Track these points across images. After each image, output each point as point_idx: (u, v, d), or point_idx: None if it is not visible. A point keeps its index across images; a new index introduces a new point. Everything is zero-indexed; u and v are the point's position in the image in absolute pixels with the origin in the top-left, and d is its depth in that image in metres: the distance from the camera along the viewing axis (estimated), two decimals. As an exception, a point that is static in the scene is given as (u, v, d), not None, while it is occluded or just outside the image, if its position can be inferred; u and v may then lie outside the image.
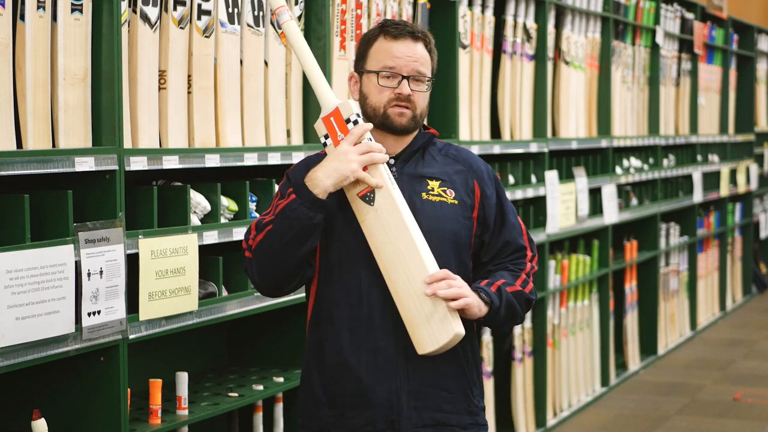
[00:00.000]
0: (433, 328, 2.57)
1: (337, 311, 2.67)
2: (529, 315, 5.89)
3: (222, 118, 3.66)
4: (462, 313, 2.59)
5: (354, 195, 2.63)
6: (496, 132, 5.64)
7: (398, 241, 2.59)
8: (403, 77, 2.65)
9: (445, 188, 2.70)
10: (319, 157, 2.77)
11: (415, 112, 2.67)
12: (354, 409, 2.67)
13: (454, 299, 2.56)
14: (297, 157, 3.83)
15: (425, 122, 2.79)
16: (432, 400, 2.66)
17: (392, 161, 2.70)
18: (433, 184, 2.70)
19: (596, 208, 6.72)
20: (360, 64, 2.73)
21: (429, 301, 2.57)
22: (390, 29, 2.69)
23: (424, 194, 2.68)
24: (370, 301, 2.65)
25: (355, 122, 2.64)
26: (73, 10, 3.09)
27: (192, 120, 3.55)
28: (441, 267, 2.63)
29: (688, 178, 8.66)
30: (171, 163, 3.34)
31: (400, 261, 2.59)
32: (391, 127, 2.67)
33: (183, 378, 3.46)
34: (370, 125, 2.64)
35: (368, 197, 2.61)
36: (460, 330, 2.58)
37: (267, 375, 4.00)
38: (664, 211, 8.07)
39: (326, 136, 2.66)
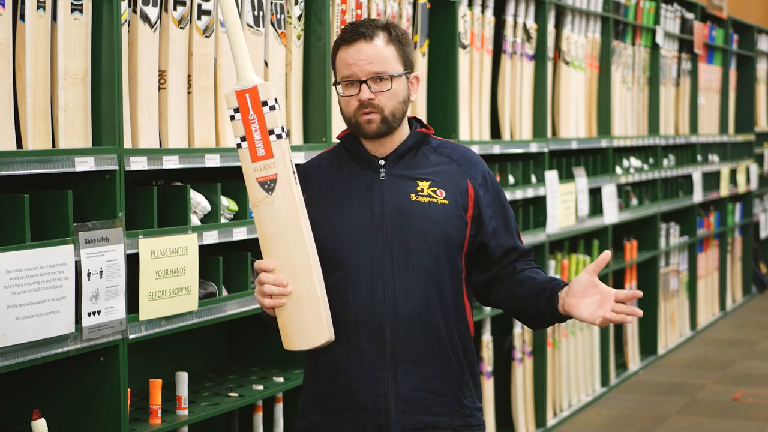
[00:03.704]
0: (307, 330, 2.57)
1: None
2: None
3: (222, 118, 3.66)
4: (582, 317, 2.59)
5: (252, 177, 2.60)
6: (496, 132, 5.64)
7: (288, 237, 2.57)
8: (362, 82, 2.61)
9: (435, 188, 2.67)
10: (328, 155, 2.76)
11: (383, 114, 2.62)
12: (343, 413, 2.66)
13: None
14: (297, 157, 3.83)
15: (425, 120, 2.76)
16: (421, 404, 2.64)
17: (382, 162, 2.68)
18: (423, 185, 2.67)
19: (596, 208, 6.72)
20: (333, 77, 2.72)
21: (308, 303, 2.56)
22: (345, 35, 2.65)
23: (412, 195, 2.65)
24: (356, 306, 2.63)
25: (272, 107, 2.60)
26: (73, 10, 3.09)
27: (192, 120, 3.55)
28: (432, 268, 2.63)
29: (688, 178, 8.66)
30: (171, 163, 3.34)
31: (287, 256, 2.57)
32: (364, 134, 2.65)
33: (183, 378, 3.46)
34: None
35: (267, 185, 2.59)
36: (332, 336, 2.58)
37: (267, 375, 4.00)
38: (664, 211, 8.07)
39: (236, 110, 2.62)
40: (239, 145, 2.62)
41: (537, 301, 2.66)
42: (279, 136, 2.61)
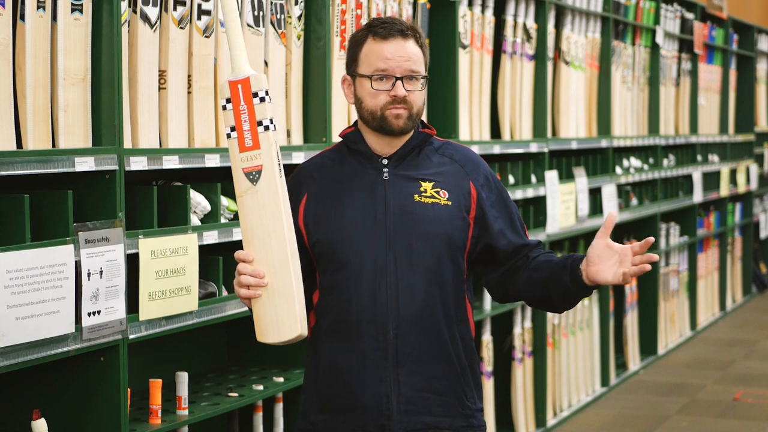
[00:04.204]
0: (279, 324, 2.58)
1: (328, 316, 2.66)
2: (528, 315, 5.89)
3: (222, 118, 3.65)
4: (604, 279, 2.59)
5: (239, 167, 2.61)
6: (496, 132, 5.64)
7: (269, 229, 2.58)
8: (397, 78, 2.61)
9: (438, 189, 2.67)
10: (329, 154, 2.76)
11: (411, 112, 2.63)
12: (344, 413, 2.66)
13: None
14: (297, 157, 3.83)
15: (425, 120, 2.77)
16: (422, 404, 2.64)
17: (385, 161, 2.68)
18: (426, 186, 2.67)
19: (596, 208, 6.72)
20: (351, 68, 2.69)
21: (283, 295, 2.56)
22: (378, 29, 2.64)
23: (416, 196, 2.65)
24: (358, 306, 2.63)
25: (262, 99, 2.61)
26: (73, 10, 3.09)
27: (192, 120, 3.55)
28: (434, 269, 2.63)
29: (688, 178, 8.66)
30: (171, 163, 3.34)
31: (266, 248, 2.58)
32: (389, 129, 2.64)
33: (183, 378, 3.46)
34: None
35: (252, 176, 2.60)
36: (304, 332, 2.58)
37: (267, 375, 4.00)
38: (664, 211, 8.07)
39: (228, 100, 2.64)
40: (229, 135, 2.64)
41: (560, 279, 2.66)
42: (267, 128, 2.61)
